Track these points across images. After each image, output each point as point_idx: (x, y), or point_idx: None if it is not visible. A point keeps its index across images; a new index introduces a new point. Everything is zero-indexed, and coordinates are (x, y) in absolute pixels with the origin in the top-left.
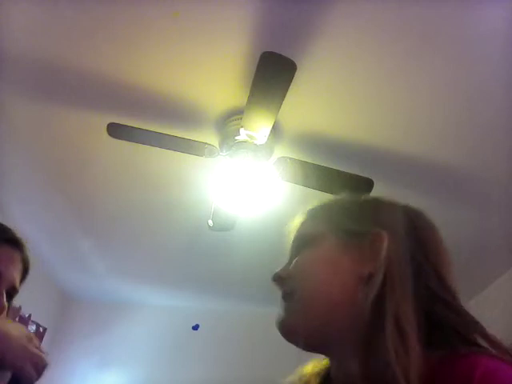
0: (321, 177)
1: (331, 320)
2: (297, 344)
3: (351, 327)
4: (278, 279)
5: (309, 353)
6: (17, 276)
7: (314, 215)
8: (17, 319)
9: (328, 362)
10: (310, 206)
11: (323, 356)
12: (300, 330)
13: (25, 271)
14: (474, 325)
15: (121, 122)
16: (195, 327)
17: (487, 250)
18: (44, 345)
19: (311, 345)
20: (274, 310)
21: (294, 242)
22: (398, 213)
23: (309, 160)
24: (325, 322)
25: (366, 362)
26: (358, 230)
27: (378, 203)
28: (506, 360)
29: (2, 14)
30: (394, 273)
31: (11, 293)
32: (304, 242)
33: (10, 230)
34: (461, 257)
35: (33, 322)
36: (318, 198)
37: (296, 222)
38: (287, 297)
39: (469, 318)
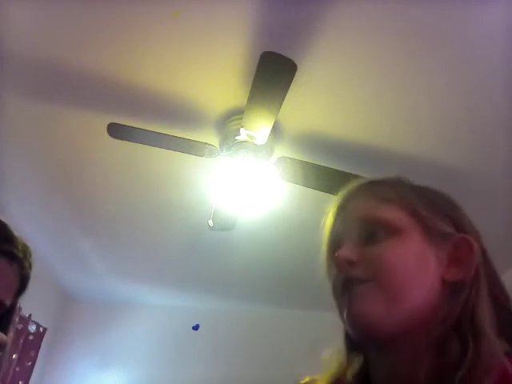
0: (321, 177)
1: (411, 319)
2: (376, 336)
3: (428, 331)
4: (347, 263)
5: (309, 352)
6: (5, 291)
7: (386, 198)
8: (17, 319)
9: (358, 364)
10: (370, 181)
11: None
12: (384, 321)
13: (21, 286)
14: None
15: (121, 122)
16: (195, 327)
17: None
18: (44, 345)
19: (389, 337)
20: (274, 310)
21: (363, 223)
22: (470, 218)
23: (309, 160)
24: (406, 319)
25: (437, 365)
26: (441, 230)
27: (452, 201)
28: None
29: (1, 14)
30: (482, 285)
31: None
32: (383, 229)
33: (10, 238)
34: None
35: (33, 321)
36: (318, 198)
37: (354, 200)
38: (360, 282)
39: None
